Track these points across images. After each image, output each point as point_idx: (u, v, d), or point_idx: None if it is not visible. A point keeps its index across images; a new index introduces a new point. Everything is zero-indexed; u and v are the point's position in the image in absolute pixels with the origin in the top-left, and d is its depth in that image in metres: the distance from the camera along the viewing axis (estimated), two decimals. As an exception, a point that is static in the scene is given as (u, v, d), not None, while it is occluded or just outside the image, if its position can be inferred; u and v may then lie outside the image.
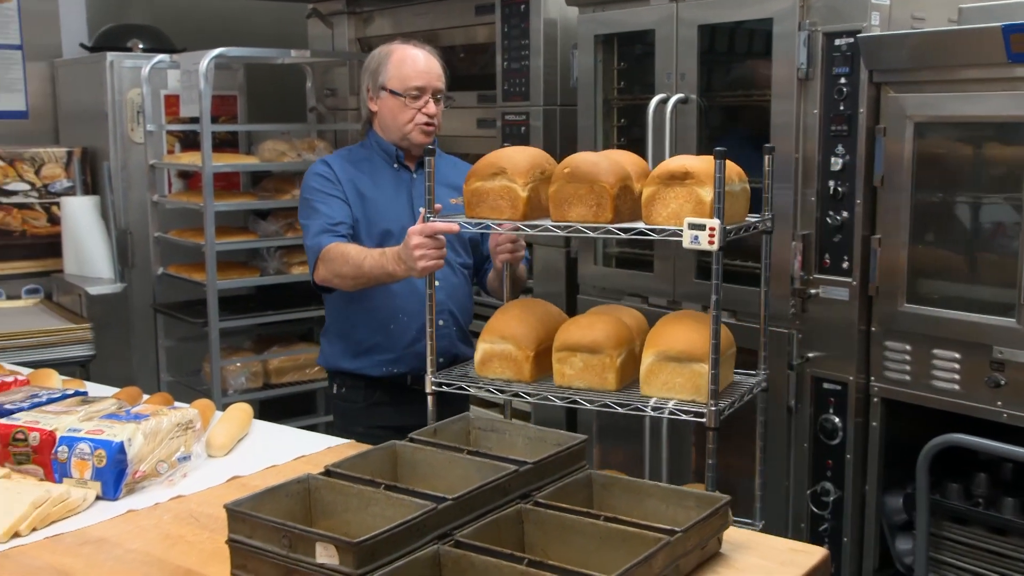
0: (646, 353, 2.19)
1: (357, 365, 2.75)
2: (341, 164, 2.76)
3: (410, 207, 2.76)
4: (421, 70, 2.72)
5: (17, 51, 4.89)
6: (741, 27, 2.93)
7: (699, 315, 2.34)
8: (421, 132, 2.74)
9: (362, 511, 1.61)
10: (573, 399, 2.21)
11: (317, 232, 2.64)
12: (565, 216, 2.18)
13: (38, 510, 1.81)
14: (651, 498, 1.73)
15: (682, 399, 2.14)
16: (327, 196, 2.70)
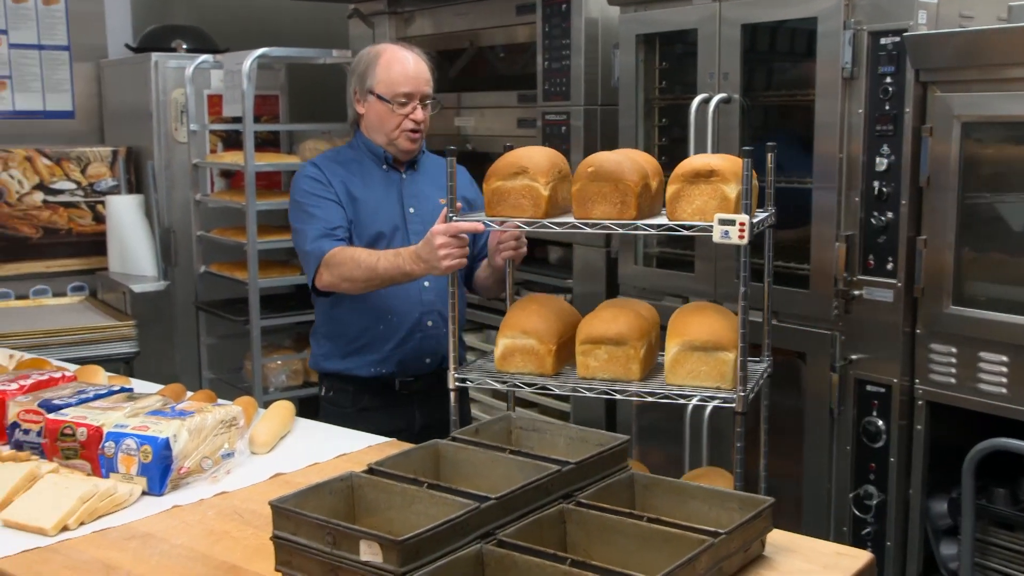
0: (670, 343, 2.24)
1: (346, 366, 2.74)
2: (331, 166, 2.73)
3: (400, 208, 2.75)
4: (410, 76, 2.70)
5: (64, 52, 4.97)
6: (785, 26, 2.90)
7: (716, 306, 2.38)
8: (407, 139, 2.73)
9: (405, 509, 1.61)
10: (603, 390, 2.25)
11: (316, 237, 2.61)
12: (589, 214, 2.22)
13: (86, 504, 1.84)
14: (694, 499, 1.72)
15: (707, 386, 2.20)
16: (321, 199, 2.67)
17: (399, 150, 2.74)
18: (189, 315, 4.47)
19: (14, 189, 4.47)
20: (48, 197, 4.55)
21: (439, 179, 2.75)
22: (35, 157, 4.51)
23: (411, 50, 2.77)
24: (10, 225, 4.47)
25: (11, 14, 4.83)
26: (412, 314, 2.74)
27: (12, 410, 2.18)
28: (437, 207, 2.73)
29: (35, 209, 4.52)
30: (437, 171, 2.81)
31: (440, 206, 2.72)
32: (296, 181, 2.75)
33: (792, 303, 2.79)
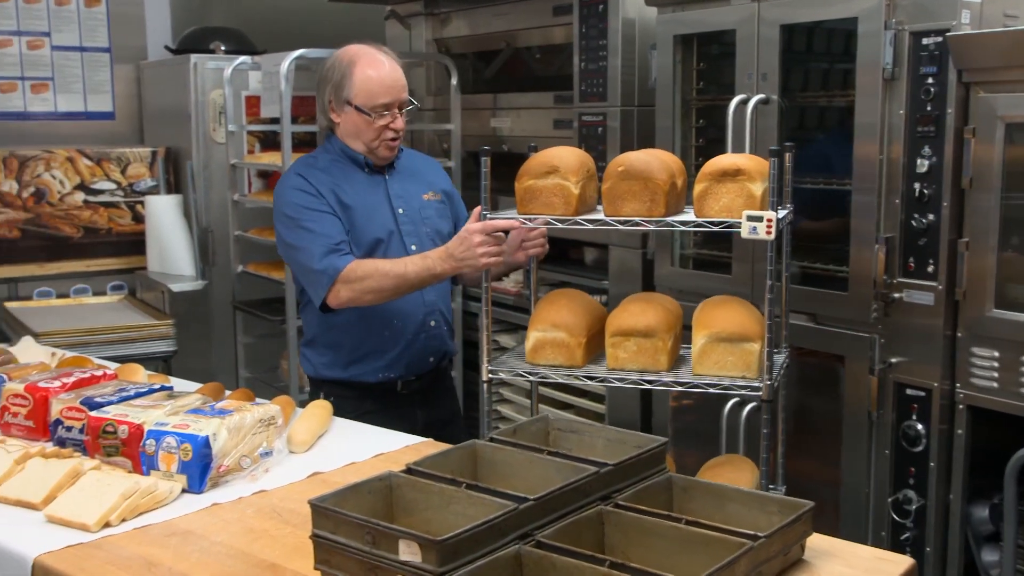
0: (697, 335, 2.32)
1: (350, 373, 2.72)
2: (315, 175, 2.68)
3: (391, 210, 2.73)
4: (388, 86, 2.67)
5: (105, 54, 5.03)
6: (824, 26, 2.88)
7: (739, 299, 2.45)
8: (387, 147, 2.72)
9: (443, 509, 1.62)
10: (633, 380, 2.34)
11: (323, 255, 2.57)
12: (619, 211, 2.30)
13: (127, 501, 1.86)
14: (732, 502, 1.71)
15: (733, 376, 2.29)
16: (317, 213, 2.62)
17: (378, 157, 2.73)
18: (226, 314, 4.51)
19: (56, 189, 4.53)
20: (89, 197, 4.61)
21: (417, 174, 2.82)
22: (76, 158, 4.57)
23: (385, 54, 2.72)
24: (52, 225, 4.53)
25: (54, 16, 4.90)
26: (416, 316, 2.74)
27: (55, 407, 2.21)
28: (423, 204, 2.79)
29: (76, 209, 4.58)
30: (413, 166, 2.84)
31: (425, 202, 2.80)
32: (282, 193, 2.68)
33: (831, 305, 2.76)
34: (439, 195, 2.87)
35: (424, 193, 2.82)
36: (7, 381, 2.37)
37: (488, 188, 2.37)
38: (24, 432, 2.27)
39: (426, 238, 2.77)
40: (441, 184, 2.93)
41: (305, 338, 2.82)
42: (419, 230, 2.77)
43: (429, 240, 2.77)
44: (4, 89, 4.84)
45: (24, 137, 4.81)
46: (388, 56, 2.72)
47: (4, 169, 4.41)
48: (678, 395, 3.30)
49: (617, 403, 3.51)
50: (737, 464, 2.52)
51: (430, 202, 2.83)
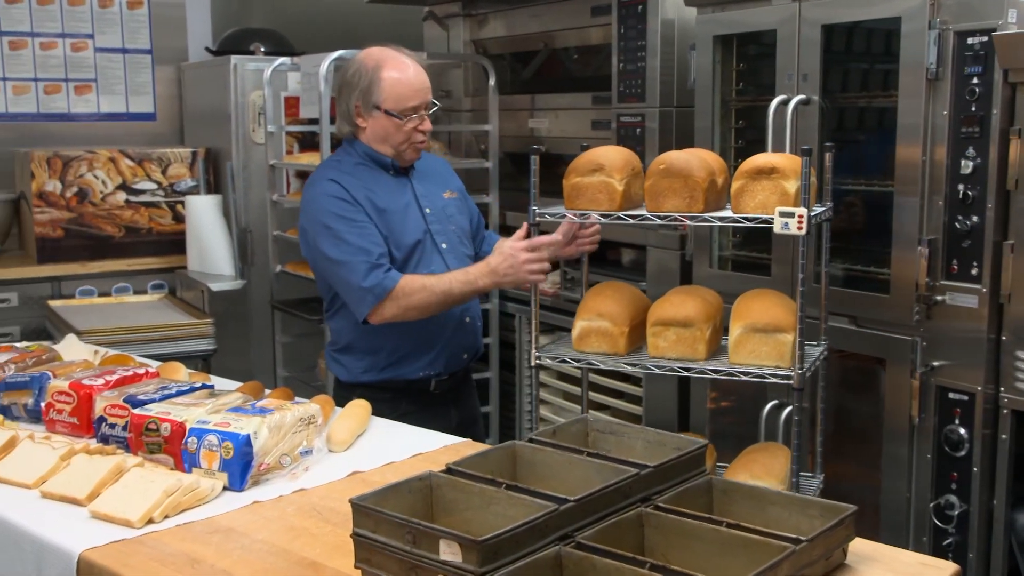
0: (733, 326, 2.42)
1: (388, 375, 2.73)
2: (349, 180, 2.66)
3: (420, 211, 2.75)
4: (416, 88, 2.67)
5: (147, 55, 5.09)
6: (866, 26, 2.85)
7: (776, 292, 2.54)
8: (414, 149, 2.74)
9: (483, 510, 1.62)
10: (671, 368, 2.45)
11: (367, 271, 2.57)
12: (660, 207, 2.41)
13: (170, 498, 1.87)
14: (773, 505, 1.70)
15: (767, 365, 2.38)
16: (356, 224, 2.61)
17: (404, 160, 2.75)
18: (265, 314, 4.54)
19: (98, 189, 4.58)
20: (130, 197, 4.66)
21: (434, 174, 2.87)
22: (118, 158, 4.62)
23: (407, 56, 2.72)
24: (94, 224, 4.59)
25: (98, 19, 4.97)
26: (455, 313, 2.77)
27: (99, 405, 2.23)
28: (445, 203, 2.83)
29: (118, 209, 4.63)
30: (428, 167, 2.87)
31: (447, 200, 2.84)
32: (316, 200, 2.65)
33: (872, 308, 2.74)
34: (455, 193, 2.91)
35: (444, 192, 2.86)
36: (52, 378, 2.40)
37: (536, 185, 2.50)
38: (68, 429, 2.30)
39: (453, 236, 2.81)
40: (455, 182, 2.96)
41: (338, 345, 2.80)
42: (446, 228, 2.80)
43: (456, 238, 2.81)
44: (49, 91, 4.91)
45: (68, 138, 4.88)
46: (410, 58, 2.73)
47: (48, 169, 4.47)
48: (716, 396, 3.29)
49: (654, 405, 3.50)
50: (772, 451, 2.57)
51: (451, 200, 2.87)
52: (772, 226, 2.27)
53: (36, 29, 4.86)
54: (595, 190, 2.46)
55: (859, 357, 2.83)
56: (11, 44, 4.82)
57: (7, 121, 4.85)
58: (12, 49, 4.82)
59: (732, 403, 3.29)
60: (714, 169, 2.43)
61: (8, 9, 4.79)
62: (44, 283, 4.46)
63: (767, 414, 2.82)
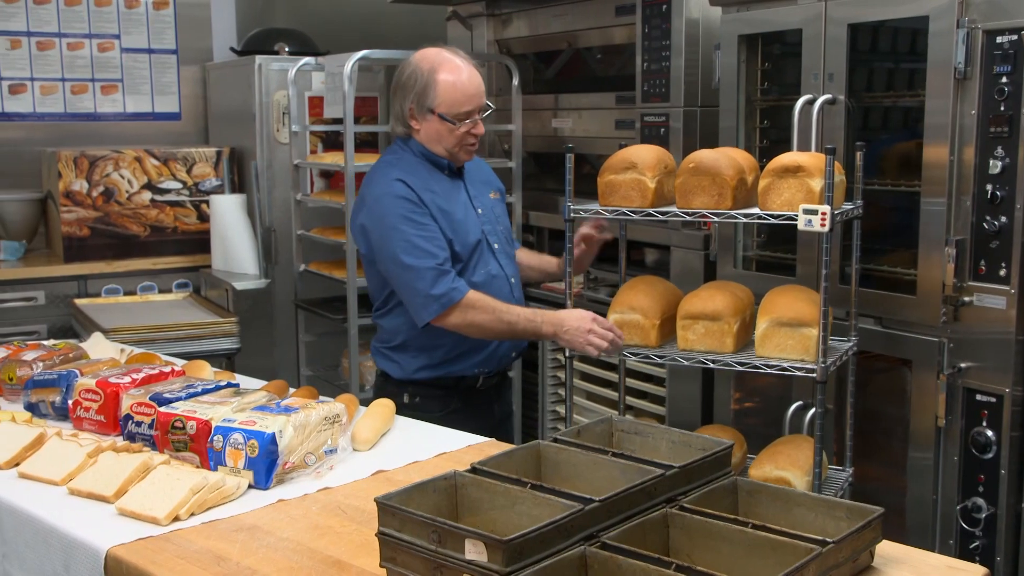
0: (760, 320, 2.49)
1: (442, 372, 2.75)
2: (415, 181, 2.66)
3: (475, 212, 2.78)
4: (471, 94, 2.68)
5: (172, 55, 5.13)
6: (893, 25, 2.84)
7: (804, 288, 2.60)
8: (467, 152, 2.75)
9: (508, 509, 1.62)
10: (699, 360, 2.52)
11: (435, 277, 2.58)
12: (690, 204, 2.48)
13: (196, 496, 1.88)
14: (799, 507, 1.69)
15: (792, 358, 2.44)
16: (423, 227, 2.62)
17: (458, 161, 2.77)
18: (288, 313, 4.56)
19: (124, 189, 4.62)
20: (156, 196, 4.69)
21: (481, 174, 2.92)
22: (144, 158, 4.65)
23: (462, 58, 2.72)
24: (120, 223, 4.62)
25: (124, 19, 5.01)
26: None
27: (125, 403, 2.25)
28: (492, 203, 2.88)
29: (143, 208, 4.66)
30: (476, 168, 2.91)
31: (494, 201, 2.89)
32: (383, 200, 2.64)
33: (898, 309, 2.72)
34: (498, 193, 2.95)
35: (490, 192, 2.89)
36: (79, 376, 2.42)
37: (572, 183, 2.60)
38: (95, 426, 2.32)
39: (502, 236, 2.84)
40: (498, 183, 3.00)
41: (392, 342, 2.79)
42: (496, 229, 2.84)
43: (504, 239, 2.85)
44: (76, 91, 4.95)
45: (94, 137, 4.93)
46: (465, 60, 2.73)
47: (75, 169, 4.51)
48: (740, 397, 3.27)
49: (677, 405, 3.49)
50: (798, 443, 2.59)
51: (496, 201, 2.91)
52: (796, 223, 2.32)
53: (63, 30, 4.90)
54: (628, 187, 2.54)
55: (885, 358, 2.81)
56: (39, 45, 4.86)
57: (35, 121, 4.89)
58: (40, 49, 4.87)
59: (756, 404, 3.27)
60: (743, 168, 2.47)
61: (36, 10, 4.83)
62: (70, 282, 4.50)
63: (791, 415, 2.81)
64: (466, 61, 2.72)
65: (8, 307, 4.37)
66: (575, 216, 2.65)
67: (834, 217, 2.30)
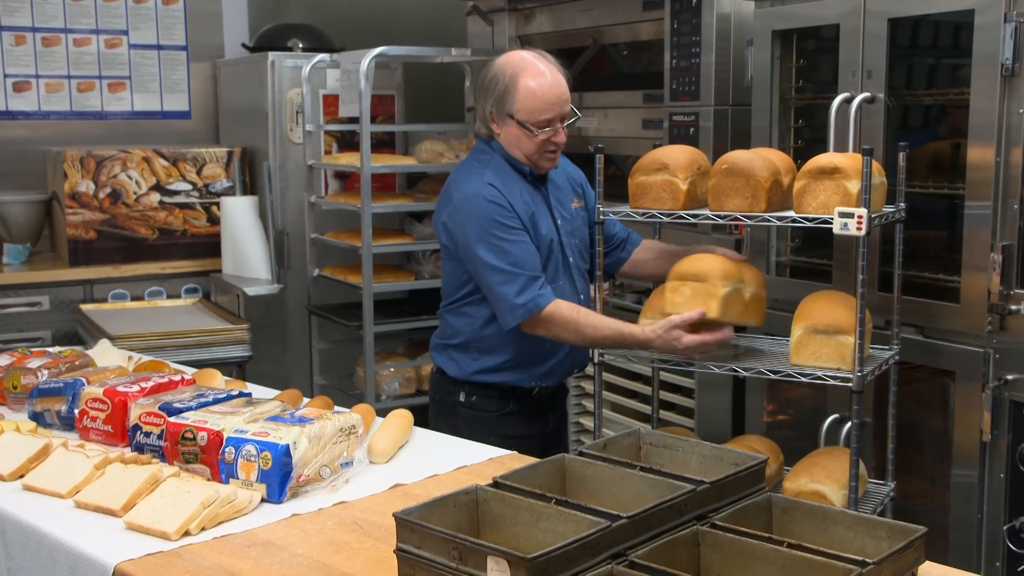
0: (795, 327, 2.50)
1: (503, 378, 2.77)
2: (506, 187, 2.70)
3: (553, 221, 2.78)
4: (552, 102, 2.67)
5: (182, 52, 5.16)
6: (936, 20, 2.82)
7: (842, 293, 2.59)
8: (548, 160, 2.75)
9: (532, 526, 1.62)
10: (731, 368, 2.54)
11: (523, 286, 2.61)
12: (723, 207, 2.49)
13: (207, 510, 1.89)
14: (837, 525, 1.68)
15: (828, 367, 2.44)
16: (514, 232, 2.65)
17: (539, 168, 2.78)
18: (301, 319, 4.58)
19: (132, 190, 4.65)
20: (164, 198, 4.72)
21: (566, 179, 2.90)
22: (153, 158, 4.69)
23: (548, 63, 2.72)
24: (127, 226, 4.66)
25: (132, 14, 5.04)
26: None
27: (134, 412, 2.26)
28: (574, 214, 2.88)
29: (151, 210, 4.70)
30: (561, 171, 2.89)
31: (575, 211, 2.88)
32: (473, 202, 2.68)
33: (940, 318, 2.70)
34: (583, 202, 2.93)
35: (572, 201, 2.89)
36: (86, 385, 2.44)
37: (601, 184, 2.63)
38: (102, 437, 2.34)
39: (576, 250, 2.85)
40: (584, 190, 2.97)
41: (454, 340, 2.83)
42: (571, 241, 2.84)
43: (579, 252, 2.86)
44: (82, 88, 5.00)
45: (101, 137, 4.96)
46: (551, 66, 2.72)
47: (81, 169, 4.55)
48: (773, 409, 3.26)
49: (707, 417, 3.48)
50: (836, 456, 2.59)
51: (579, 211, 2.90)
52: (831, 226, 2.32)
53: (70, 25, 4.94)
54: (659, 189, 2.56)
55: (926, 370, 2.80)
56: (44, 40, 4.91)
57: (40, 119, 4.94)
58: (45, 46, 4.91)
59: (790, 416, 3.26)
60: (779, 169, 2.47)
61: (42, 5, 4.88)
62: (76, 286, 4.54)
63: (827, 428, 2.80)
64: (552, 67, 2.72)
65: (11, 312, 4.40)
66: (604, 219, 2.66)
67: (871, 220, 2.30)
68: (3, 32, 4.83)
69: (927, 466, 2.82)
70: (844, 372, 2.41)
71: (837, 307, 2.48)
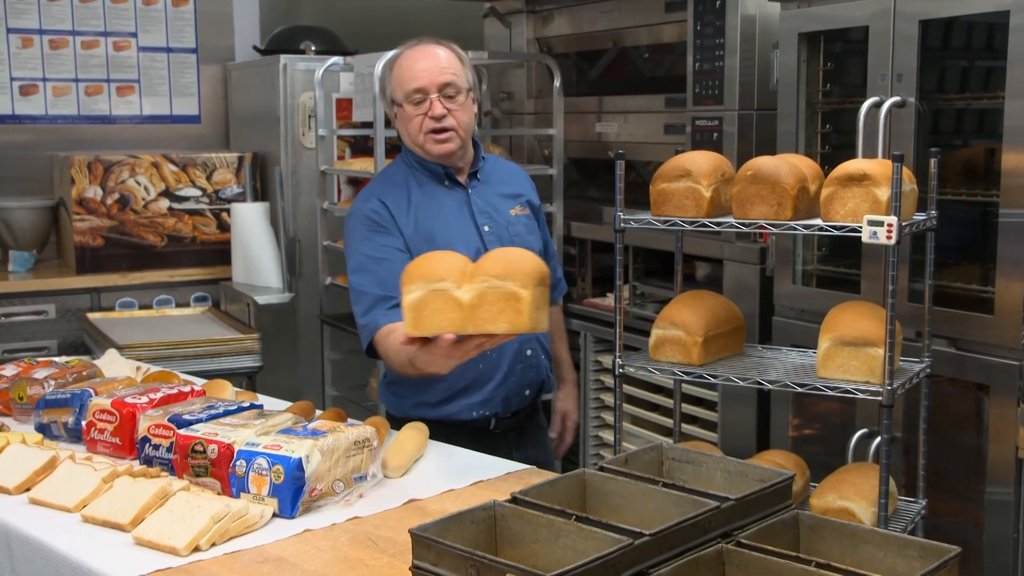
0: (822, 339, 2.47)
1: (441, 412, 2.65)
2: (394, 198, 2.61)
3: (476, 229, 2.67)
4: (419, 69, 2.54)
5: (192, 54, 5.19)
6: (969, 21, 2.81)
7: (870, 304, 2.57)
8: (434, 141, 2.58)
9: (551, 543, 1.62)
10: (755, 380, 2.50)
11: (369, 306, 2.52)
12: (747, 215, 2.48)
13: (218, 525, 1.89)
14: (867, 544, 1.67)
15: (856, 381, 2.41)
16: (380, 250, 2.56)
17: (432, 157, 2.62)
18: (313, 329, 4.59)
19: (140, 196, 4.68)
20: (173, 204, 4.75)
21: (504, 185, 2.78)
22: (162, 163, 4.71)
23: (432, 43, 2.61)
24: (135, 233, 4.68)
25: (141, 16, 5.08)
26: (512, 345, 2.67)
27: (142, 424, 2.27)
28: (511, 220, 2.73)
29: (160, 216, 4.72)
30: (501, 177, 2.79)
31: (513, 218, 2.73)
32: (354, 216, 2.62)
33: (974, 329, 2.69)
34: (526, 209, 2.81)
35: (512, 208, 2.76)
36: (94, 396, 2.44)
37: (622, 191, 2.58)
38: (110, 449, 2.34)
39: None
40: (528, 195, 2.85)
41: (389, 375, 2.75)
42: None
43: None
44: (90, 92, 5.03)
45: (109, 141, 5.00)
46: (439, 45, 2.61)
47: (89, 175, 4.58)
48: (799, 424, 3.25)
49: (730, 431, 3.47)
50: (865, 472, 2.56)
51: (518, 217, 2.77)
52: (860, 235, 2.31)
53: (78, 27, 4.98)
54: (682, 196, 2.55)
55: (959, 383, 2.78)
56: (52, 43, 4.95)
57: (47, 124, 4.98)
58: (53, 48, 4.95)
59: (817, 431, 3.25)
60: (806, 176, 2.46)
61: (49, 7, 4.92)
62: (83, 294, 4.56)
63: (855, 444, 2.79)
64: (439, 45, 2.61)
65: (17, 321, 4.43)
66: (625, 227, 2.64)
67: (901, 229, 2.29)
68: (10, 34, 4.87)
69: (960, 483, 2.80)
70: (873, 385, 2.39)
71: (866, 318, 2.46)
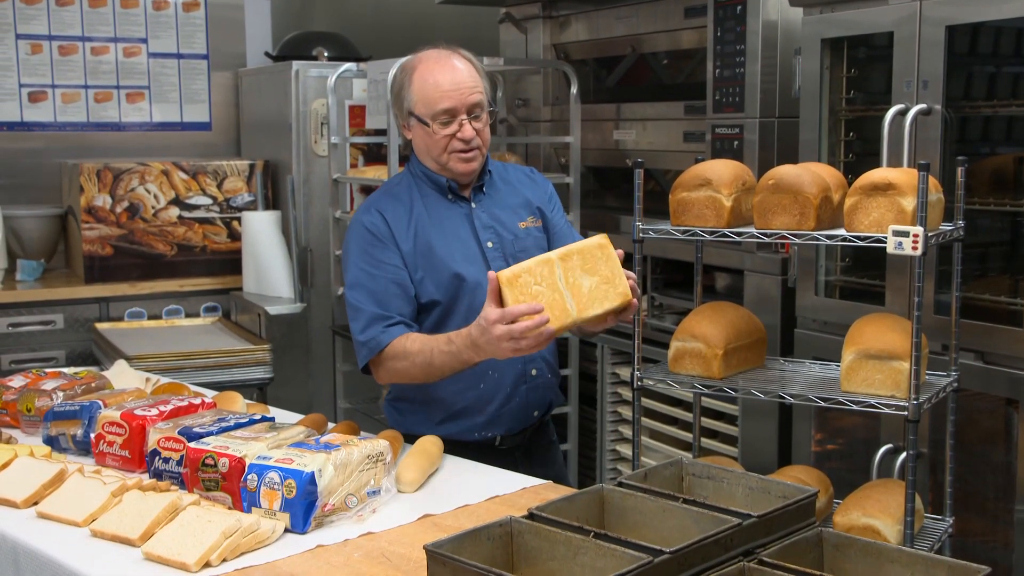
0: (846, 352, 2.46)
1: (445, 431, 2.60)
2: (394, 211, 2.58)
3: (477, 245, 2.61)
4: (447, 89, 2.50)
5: (203, 60, 5.22)
6: (996, 27, 2.81)
7: (896, 316, 2.57)
8: (460, 160, 2.56)
9: (569, 560, 1.62)
10: (777, 393, 2.49)
11: (367, 323, 2.51)
12: (769, 224, 2.48)
13: (228, 540, 1.89)
14: (893, 563, 1.67)
15: (881, 395, 2.40)
16: (377, 265, 2.54)
17: (454, 174, 2.60)
18: (325, 340, 4.60)
19: (150, 204, 4.70)
20: (184, 213, 4.77)
21: (514, 196, 2.70)
22: (172, 171, 4.74)
23: (452, 53, 2.57)
24: (145, 242, 4.70)
25: (151, 22, 5.11)
26: (514, 365, 2.61)
27: (152, 437, 2.27)
28: (519, 235, 2.67)
29: (170, 225, 4.74)
30: (510, 187, 2.71)
31: (523, 232, 2.66)
32: (354, 227, 2.60)
33: (1002, 342, 2.68)
34: (539, 220, 2.74)
35: (521, 220, 2.69)
36: (103, 408, 2.45)
37: (641, 200, 2.58)
38: (119, 462, 2.35)
39: None
40: (537, 200, 2.76)
41: (391, 394, 2.74)
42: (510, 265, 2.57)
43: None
44: (99, 99, 5.06)
45: (118, 149, 5.03)
46: (456, 55, 2.58)
47: (98, 183, 4.60)
48: (821, 439, 3.24)
49: (751, 447, 3.46)
50: (890, 488, 2.55)
51: (528, 230, 2.69)
52: (885, 245, 2.30)
53: (87, 33, 5.02)
54: (702, 205, 2.55)
55: (987, 398, 2.77)
56: (61, 49, 4.98)
57: (55, 131, 5.01)
58: (62, 54, 4.98)
59: (840, 446, 3.24)
60: (829, 185, 2.46)
61: (59, 12, 4.95)
62: (91, 304, 4.59)
63: (880, 460, 2.78)
64: (460, 57, 2.58)
65: (25, 331, 4.46)
66: (644, 237, 2.63)
67: (927, 239, 2.28)
68: (19, 40, 4.91)
69: (988, 501, 2.79)
70: (899, 400, 2.38)
71: (891, 331, 2.45)
